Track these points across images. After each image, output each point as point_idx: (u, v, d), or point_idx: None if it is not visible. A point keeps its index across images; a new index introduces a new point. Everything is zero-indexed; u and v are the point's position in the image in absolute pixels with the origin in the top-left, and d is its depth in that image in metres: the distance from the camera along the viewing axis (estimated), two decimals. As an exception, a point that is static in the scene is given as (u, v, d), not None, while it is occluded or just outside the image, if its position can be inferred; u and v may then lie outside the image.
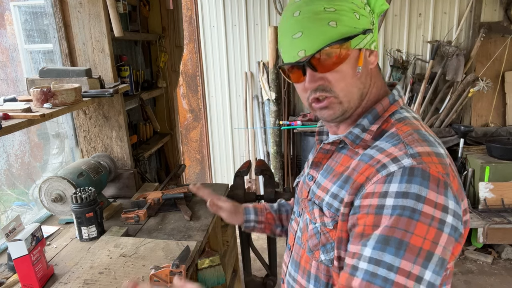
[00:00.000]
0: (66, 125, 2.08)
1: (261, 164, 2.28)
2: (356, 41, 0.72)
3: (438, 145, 0.70)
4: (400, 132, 0.71)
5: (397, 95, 0.78)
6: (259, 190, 4.09)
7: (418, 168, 0.63)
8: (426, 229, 0.60)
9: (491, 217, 2.92)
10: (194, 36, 3.92)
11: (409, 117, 0.75)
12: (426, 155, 0.65)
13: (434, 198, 0.61)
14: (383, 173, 0.66)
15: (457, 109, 3.63)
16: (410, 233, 0.60)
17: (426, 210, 0.61)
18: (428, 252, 0.60)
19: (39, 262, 1.24)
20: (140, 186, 2.08)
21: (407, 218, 0.60)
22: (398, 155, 0.66)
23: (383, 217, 0.63)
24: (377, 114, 0.76)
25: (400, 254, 0.59)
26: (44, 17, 1.96)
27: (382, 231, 0.62)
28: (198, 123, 4.26)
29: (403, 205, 0.61)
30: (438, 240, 0.61)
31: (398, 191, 0.62)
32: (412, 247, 0.60)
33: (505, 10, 3.55)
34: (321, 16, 0.70)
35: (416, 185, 0.62)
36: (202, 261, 1.85)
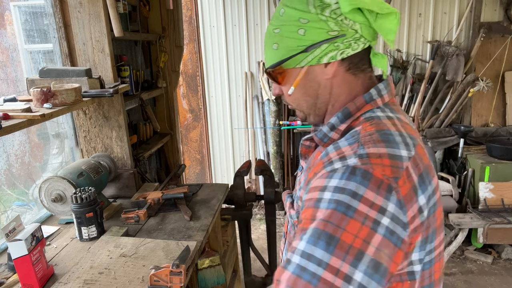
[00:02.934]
0: (66, 125, 2.08)
1: (261, 164, 2.28)
2: (294, 61, 0.74)
3: (403, 147, 0.66)
4: (362, 131, 0.69)
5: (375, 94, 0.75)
6: (259, 190, 4.09)
7: (360, 168, 0.62)
8: (359, 227, 0.58)
9: (491, 217, 2.92)
10: (194, 36, 3.92)
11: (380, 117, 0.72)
12: (376, 157, 0.63)
13: (371, 198, 0.60)
14: (328, 169, 0.66)
15: (457, 109, 3.63)
16: (341, 229, 0.58)
17: (361, 208, 0.59)
18: (358, 251, 0.58)
19: (39, 262, 1.24)
20: (140, 186, 2.08)
21: (341, 214, 0.59)
22: (347, 154, 0.66)
23: (319, 210, 0.62)
24: (349, 113, 0.74)
25: (330, 250, 0.58)
26: (44, 17, 1.96)
27: (316, 224, 0.61)
28: (198, 123, 4.26)
29: (338, 199, 0.60)
30: (370, 240, 0.58)
31: (336, 186, 0.62)
32: (343, 244, 0.58)
33: (505, 10, 3.55)
34: (270, 37, 0.77)
35: (355, 183, 0.61)
36: (202, 261, 1.85)
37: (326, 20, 0.70)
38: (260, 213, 4.05)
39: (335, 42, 0.71)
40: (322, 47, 0.72)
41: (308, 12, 0.71)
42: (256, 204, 4.12)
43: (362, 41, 0.73)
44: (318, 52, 0.72)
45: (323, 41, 0.71)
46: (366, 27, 0.72)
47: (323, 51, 0.72)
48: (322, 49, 0.72)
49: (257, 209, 4.11)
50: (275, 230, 2.37)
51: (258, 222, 3.89)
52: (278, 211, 3.83)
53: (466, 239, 3.13)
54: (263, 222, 3.79)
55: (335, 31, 0.71)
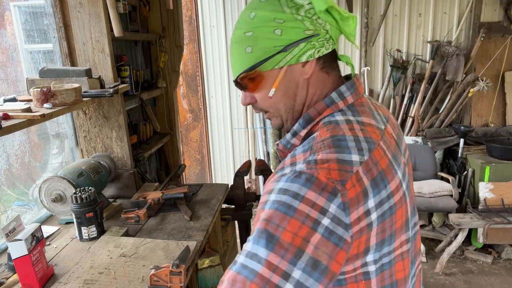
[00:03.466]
0: (66, 125, 2.08)
1: (261, 164, 2.28)
2: (272, 62, 0.73)
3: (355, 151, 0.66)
4: (318, 138, 0.70)
5: (336, 97, 0.74)
6: (259, 190, 4.09)
7: (305, 172, 0.63)
8: (299, 226, 0.60)
9: (491, 217, 2.92)
10: (194, 36, 3.92)
11: (337, 121, 0.72)
12: (323, 162, 0.64)
13: (313, 198, 0.61)
14: (278, 174, 0.67)
15: (457, 109, 3.63)
16: (282, 228, 0.60)
17: (301, 208, 0.60)
18: (297, 249, 0.59)
19: (39, 262, 1.24)
20: (140, 186, 2.08)
21: (282, 213, 0.61)
22: (298, 160, 0.67)
23: (264, 211, 0.63)
24: (310, 118, 0.75)
25: (269, 247, 0.59)
26: (44, 17, 1.96)
27: (259, 224, 0.62)
28: (198, 123, 4.26)
29: (280, 200, 0.62)
30: (309, 239, 0.59)
31: (281, 188, 0.63)
32: (282, 242, 0.59)
33: (505, 10, 3.55)
34: (241, 41, 0.75)
35: (298, 185, 0.62)
36: (202, 261, 1.85)
37: (302, 20, 0.71)
38: (260, 213, 4.04)
39: (311, 41, 0.72)
40: (300, 46, 0.72)
41: (283, 12, 0.71)
42: (256, 204, 4.11)
43: (331, 42, 0.75)
44: (297, 51, 0.72)
45: (300, 40, 0.71)
46: (334, 29, 0.74)
47: (301, 49, 0.72)
48: (301, 47, 0.72)
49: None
50: (275, 230, 2.37)
51: (258, 222, 3.89)
52: None
53: (466, 239, 3.13)
54: (263, 222, 3.78)
55: (311, 30, 0.72)
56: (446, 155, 3.73)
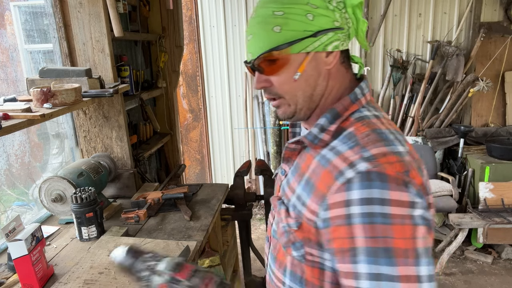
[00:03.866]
0: (66, 125, 2.08)
1: (261, 164, 2.28)
2: (300, 45, 0.71)
3: (398, 143, 0.68)
4: (358, 133, 0.70)
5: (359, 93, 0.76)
6: (259, 190, 4.09)
7: (373, 171, 0.63)
8: (402, 229, 0.61)
9: (491, 217, 2.92)
10: (194, 36, 3.92)
11: (369, 116, 0.73)
12: (382, 156, 0.65)
13: (397, 197, 0.62)
14: (341, 180, 0.65)
15: (457, 109, 3.63)
16: (390, 238, 0.60)
17: (394, 211, 0.61)
18: (414, 250, 0.61)
19: (39, 262, 1.24)
20: (140, 186, 2.08)
21: (381, 225, 0.61)
22: (353, 159, 0.66)
23: (356, 227, 0.62)
24: (337, 114, 0.74)
25: (392, 262, 0.60)
26: (44, 17, 1.96)
27: (365, 243, 0.62)
28: (198, 123, 4.26)
29: (371, 211, 0.61)
30: (416, 234, 0.62)
31: (361, 197, 0.62)
32: (399, 251, 0.60)
33: (505, 10, 3.55)
34: (268, 20, 0.72)
35: (377, 189, 0.62)
36: (202, 261, 1.85)
37: (333, 10, 0.72)
38: (260, 213, 4.05)
39: (337, 33, 0.72)
40: (329, 35, 0.72)
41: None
42: (256, 204, 4.11)
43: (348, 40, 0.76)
44: (325, 39, 0.72)
45: (329, 29, 0.71)
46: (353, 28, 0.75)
47: (329, 39, 0.72)
48: (329, 36, 0.72)
49: (257, 209, 4.11)
50: (275, 230, 2.36)
51: (258, 222, 3.89)
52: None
53: (466, 239, 3.13)
54: (263, 222, 3.79)
55: (338, 22, 0.72)
56: (446, 155, 3.73)
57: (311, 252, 0.73)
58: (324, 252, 0.72)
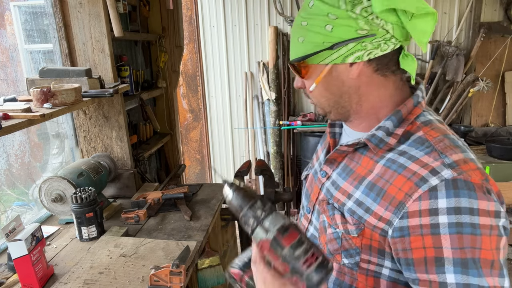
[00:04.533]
0: (66, 125, 2.08)
1: (261, 164, 2.28)
2: (318, 58, 0.71)
3: (468, 149, 0.68)
4: (430, 138, 0.68)
5: (420, 96, 0.74)
6: (259, 190, 4.09)
7: (460, 179, 0.61)
8: (489, 240, 0.61)
9: (491, 217, 2.91)
10: (194, 36, 3.92)
11: (434, 121, 0.72)
12: (463, 163, 0.63)
13: (485, 207, 0.61)
14: (424, 187, 0.63)
15: (457, 109, 3.63)
16: (478, 249, 0.60)
17: (483, 221, 0.60)
18: (498, 262, 0.61)
19: (39, 262, 1.24)
20: (140, 186, 2.08)
21: (470, 235, 0.60)
22: (435, 165, 0.64)
23: (443, 237, 0.61)
24: (402, 117, 0.72)
25: (481, 273, 0.60)
26: (44, 17, 1.96)
27: (454, 254, 0.60)
28: (198, 123, 4.26)
29: (460, 221, 0.60)
30: (500, 245, 0.62)
31: (448, 207, 0.61)
32: (486, 262, 0.60)
33: (505, 10, 3.55)
34: (297, 29, 0.73)
35: (465, 198, 0.60)
36: (202, 261, 1.85)
37: (356, 18, 0.67)
38: (260, 213, 4.04)
39: (363, 42, 0.68)
40: (349, 46, 0.68)
41: (338, 8, 0.67)
42: (256, 204, 4.11)
43: (392, 41, 0.69)
44: (344, 51, 0.69)
45: (350, 39, 0.67)
46: (399, 28, 0.68)
47: (350, 50, 0.68)
48: (349, 48, 0.68)
49: (257, 209, 4.11)
50: (275, 230, 2.36)
51: (258, 222, 3.89)
52: (278, 211, 3.83)
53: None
54: (263, 222, 3.78)
55: (365, 30, 0.67)
56: (446, 155, 3.73)
57: (370, 260, 0.71)
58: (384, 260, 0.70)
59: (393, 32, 0.68)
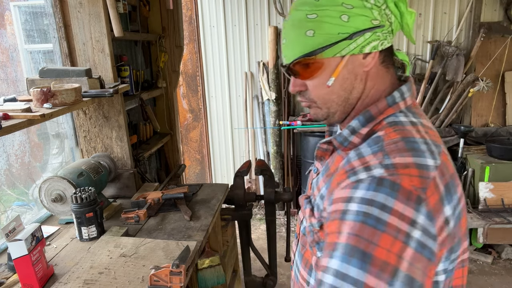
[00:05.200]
0: (66, 125, 2.08)
1: (261, 164, 2.28)
2: (335, 49, 0.68)
3: (429, 155, 0.63)
4: (386, 138, 0.66)
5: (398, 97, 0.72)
6: (259, 190, 4.09)
7: (387, 179, 0.59)
8: (391, 241, 0.56)
9: (491, 217, 2.91)
10: (194, 36, 3.92)
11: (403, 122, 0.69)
12: (403, 167, 0.60)
13: (401, 209, 0.57)
14: (352, 179, 0.63)
15: (457, 109, 3.63)
16: (374, 244, 0.56)
17: (391, 221, 0.56)
18: (393, 267, 0.55)
19: (39, 262, 1.24)
20: (140, 186, 2.08)
21: (371, 227, 0.57)
22: (372, 164, 0.63)
23: (346, 223, 0.59)
24: (371, 116, 0.71)
25: (364, 267, 0.55)
26: (44, 17, 1.96)
27: (347, 239, 0.58)
28: (198, 123, 4.26)
29: (367, 212, 0.58)
30: (403, 255, 0.56)
31: (363, 197, 0.59)
32: (377, 260, 0.55)
33: (505, 10, 3.55)
34: (301, 24, 0.69)
35: (383, 194, 0.58)
36: (202, 261, 1.85)
37: (371, 8, 0.68)
38: (260, 213, 4.05)
39: (376, 32, 0.69)
40: (366, 36, 0.68)
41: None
42: (256, 204, 4.11)
43: (391, 36, 0.72)
44: (361, 41, 0.68)
45: (366, 29, 0.68)
46: (397, 22, 0.71)
47: (366, 40, 0.68)
48: (366, 37, 0.68)
49: (257, 209, 4.11)
50: (275, 230, 2.37)
51: (258, 222, 3.89)
52: (278, 211, 3.83)
53: (466, 239, 3.12)
54: (263, 222, 3.79)
55: (377, 20, 0.68)
56: (446, 155, 3.73)
57: None
58: None
59: (393, 25, 0.71)
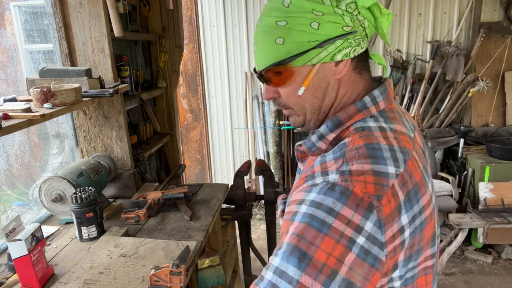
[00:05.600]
0: (66, 125, 2.08)
1: (261, 164, 2.28)
2: (305, 58, 0.67)
3: (391, 162, 0.62)
4: (350, 145, 0.65)
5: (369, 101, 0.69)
6: (259, 190, 4.09)
7: (340, 184, 0.59)
8: (333, 245, 0.56)
9: (491, 217, 2.92)
10: (194, 36, 3.92)
11: (371, 128, 0.67)
12: (359, 174, 0.60)
13: (348, 215, 0.57)
14: (309, 183, 0.63)
15: (457, 109, 3.63)
16: (315, 246, 0.56)
17: (336, 225, 0.56)
18: (332, 270, 0.55)
19: (39, 262, 1.24)
20: (140, 186, 2.08)
21: (315, 230, 0.57)
22: (330, 169, 0.62)
23: (293, 223, 0.59)
24: (340, 122, 0.69)
25: (302, 267, 0.55)
26: (44, 17, 1.96)
27: (289, 239, 0.58)
28: (198, 123, 4.26)
29: (313, 214, 0.58)
30: (344, 259, 0.55)
31: (313, 200, 0.59)
32: (316, 262, 0.55)
33: (505, 10, 3.55)
34: (271, 31, 0.68)
35: (332, 198, 0.58)
36: (202, 261, 1.85)
37: (342, 14, 0.65)
38: (260, 213, 4.05)
39: (348, 39, 0.67)
40: (337, 43, 0.66)
41: (322, 4, 0.65)
42: (256, 204, 4.12)
43: (366, 40, 0.70)
44: (333, 49, 0.66)
45: (337, 36, 0.66)
46: (371, 26, 0.69)
47: (338, 47, 0.66)
48: (337, 45, 0.66)
49: (257, 209, 4.11)
50: (275, 230, 2.37)
51: (258, 222, 3.89)
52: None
53: (466, 239, 3.13)
54: (263, 222, 3.79)
55: (349, 27, 0.66)
56: (446, 155, 3.73)
57: None
58: None
59: (368, 30, 0.69)
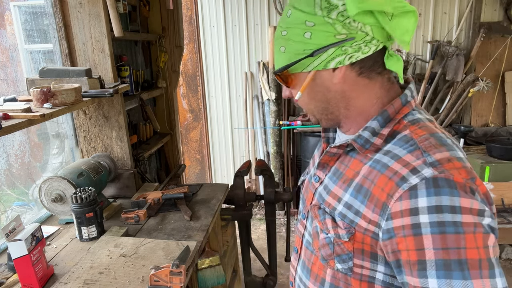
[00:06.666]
0: (66, 125, 2.08)
1: (261, 164, 2.28)
2: (300, 66, 0.71)
3: (457, 148, 0.66)
4: (415, 136, 0.67)
5: (409, 95, 0.73)
6: (259, 190, 4.09)
7: (441, 178, 0.60)
8: (474, 238, 0.58)
9: (491, 217, 2.91)
10: (194, 36, 3.92)
11: (422, 119, 0.71)
12: (447, 162, 0.62)
13: (467, 205, 0.59)
14: (405, 187, 0.62)
15: (457, 109, 3.63)
16: (463, 248, 0.57)
17: (466, 219, 0.58)
18: (487, 260, 0.58)
19: (39, 262, 1.24)
20: (140, 186, 2.08)
21: (453, 235, 0.58)
22: (416, 164, 0.63)
23: (425, 237, 0.59)
24: (388, 116, 0.71)
25: (466, 276, 0.57)
26: (44, 17, 1.96)
27: (436, 256, 0.58)
28: (198, 123, 4.26)
29: (442, 220, 0.58)
30: (487, 243, 0.59)
31: (429, 205, 0.59)
32: (472, 262, 0.57)
33: (505, 10, 3.55)
34: (278, 40, 0.74)
35: (446, 196, 0.59)
36: (202, 261, 1.85)
37: (332, 23, 0.67)
38: (260, 213, 4.05)
39: (342, 46, 0.68)
40: (329, 52, 0.68)
41: (314, 15, 0.67)
42: (256, 204, 4.12)
43: (374, 43, 0.68)
44: (325, 57, 0.69)
45: (330, 45, 0.68)
46: (379, 29, 0.68)
47: (330, 55, 0.69)
48: (329, 53, 0.69)
49: (257, 209, 4.11)
50: (275, 230, 2.37)
51: (258, 222, 3.89)
52: (278, 211, 3.83)
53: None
54: (263, 222, 3.79)
55: (343, 35, 0.67)
56: (446, 155, 3.73)
57: (362, 265, 0.70)
58: (377, 264, 0.69)
59: (373, 33, 0.68)
